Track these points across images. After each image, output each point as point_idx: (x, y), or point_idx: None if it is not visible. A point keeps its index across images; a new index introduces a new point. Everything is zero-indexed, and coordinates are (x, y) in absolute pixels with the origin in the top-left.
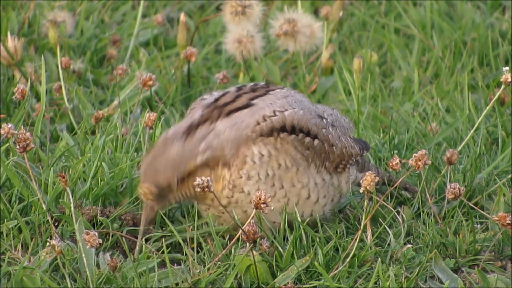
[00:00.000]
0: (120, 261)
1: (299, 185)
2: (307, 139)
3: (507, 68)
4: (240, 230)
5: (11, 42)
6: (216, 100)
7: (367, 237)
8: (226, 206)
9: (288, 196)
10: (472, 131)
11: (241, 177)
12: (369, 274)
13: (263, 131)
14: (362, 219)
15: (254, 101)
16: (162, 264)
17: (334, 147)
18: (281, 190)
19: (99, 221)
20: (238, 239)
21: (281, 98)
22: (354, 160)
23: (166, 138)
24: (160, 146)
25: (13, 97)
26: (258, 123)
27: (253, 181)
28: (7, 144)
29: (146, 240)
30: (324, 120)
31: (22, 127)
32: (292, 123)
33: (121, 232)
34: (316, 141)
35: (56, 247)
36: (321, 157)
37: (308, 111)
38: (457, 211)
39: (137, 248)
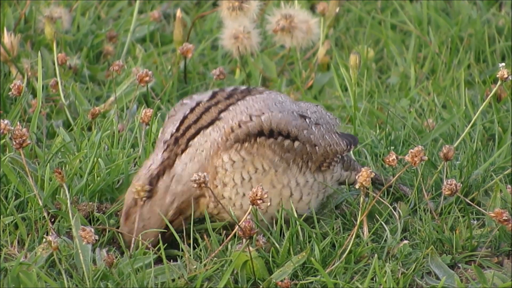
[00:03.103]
0: (117, 257)
1: (279, 185)
2: (287, 141)
3: (503, 64)
4: (237, 226)
5: (8, 38)
6: (181, 122)
7: (363, 233)
8: (217, 214)
9: (269, 197)
10: (469, 127)
11: (217, 186)
12: (365, 270)
13: (238, 138)
14: (358, 215)
15: (222, 114)
16: (159, 260)
17: (317, 147)
18: None
19: (96, 217)
20: (234, 235)
21: (259, 102)
22: (340, 156)
23: (128, 208)
24: (130, 204)
25: (10, 93)
26: (232, 130)
27: (229, 186)
28: (4, 140)
29: None
30: (306, 120)
31: (18, 123)
32: (270, 127)
33: (118, 228)
34: (296, 143)
35: (52, 243)
36: (303, 158)
37: (288, 113)
38: (454, 207)
39: (133, 244)
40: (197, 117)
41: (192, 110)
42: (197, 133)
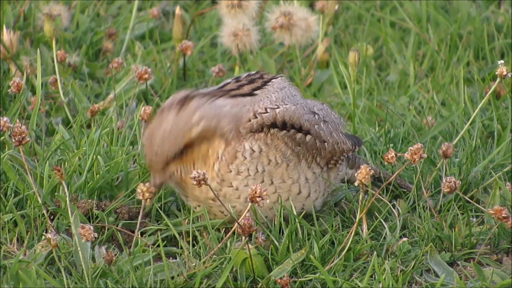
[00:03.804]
0: (116, 254)
1: (289, 180)
2: (299, 135)
3: (502, 61)
4: (236, 224)
5: (7, 35)
6: (220, 87)
7: (362, 231)
8: (214, 200)
9: (278, 191)
10: (468, 124)
11: (231, 171)
12: (364, 267)
13: (252, 128)
14: (357, 212)
15: (256, 92)
16: (158, 258)
17: (326, 143)
18: (271, 186)
19: (95, 214)
20: (233, 232)
21: (277, 91)
22: (346, 156)
23: (162, 108)
24: (157, 117)
25: (9, 90)
26: (249, 120)
27: (242, 176)
28: (3, 138)
29: (142, 234)
30: (316, 116)
31: (17, 121)
32: (283, 119)
33: (117, 226)
34: (308, 137)
35: (51, 240)
36: (312, 153)
37: (301, 107)
38: (453, 205)
39: (133, 241)
40: (236, 87)
41: (225, 84)
42: (239, 96)
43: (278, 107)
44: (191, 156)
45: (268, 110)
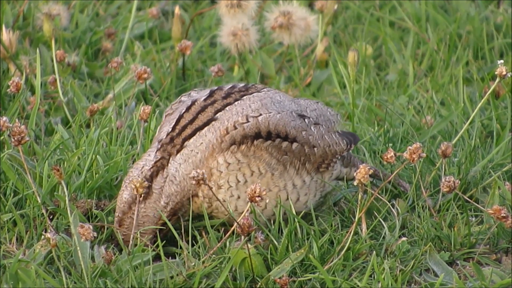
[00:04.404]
0: (115, 254)
1: (275, 189)
2: (285, 143)
3: (502, 61)
4: (235, 224)
5: (6, 35)
6: (177, 121)
7: (362, 230)
8: (210, 213)
9: (264, 199)
10: (467, 124)
11: (211, 188)
12: (364, 267)
13: (234, 140)
14: (357, 212)
15: (218, 115)
16: (157, 257)
17: (316, 148)
18: None
19: (94, 214)
20: (233, 232)
21: (257, 102)
22: (339, 156)
23: (126, 199)
24: (122, 208)
25: (8, 90)
26: (227, 132)
27: (224, 189)
28: (2, 137)
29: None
30: (305, 120)
31: (17, 120)
32: (268, 129)
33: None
34: (294, 145)
35: (51, 240)
36: (300, 159)
37: (287, 114)
38: (452, 204)
39: (131, 241)
40: (193, 116)
41: (188, 109)
42: (193, 134)
43: (261, 115)
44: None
45: (250, 119)
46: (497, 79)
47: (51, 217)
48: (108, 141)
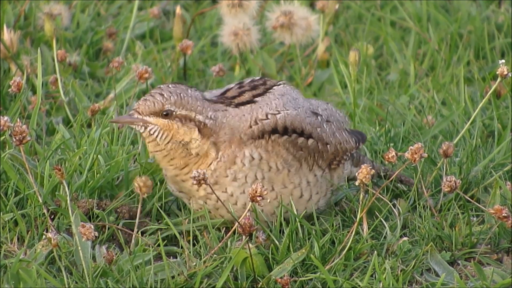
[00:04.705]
0: (116, 254)
1: (291, 186)
2: (301, 139)
3: (503, 61)
4: (236, 223)
5: (7, 35)
6: (223, 93)
7: (363, 230)
8: (205, 201)
9: (279, 197)
10: (468, 124)
11: (227, 176)
12: (365, 266)
13: (253, 134)
14: (358, 212)
15: (256, 99)
16: (158, 257)
17: (328, 145)
18: (272, 192)
19: (95, 213)
20: (234, 232)
21: (278, 98)
22: (349, 154)
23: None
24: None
25: (9, 90)
26: (250, 126)
27: (238, 183)
28: (3, 137)
29: (142, 233)
30: (318, 117)
31: (18, 120)
32: (284, 125)
33: (117, 225)
34: (310, 141)
35: (52, 240)
36: (314, 156)
37: (303, 110)
38: (453, 204)
39: (133, 240)
40: (237, 94)
41: (227, 89)
42: (240, 104)
43: (279, 113)
44: (172, 130)
45: (269, 116)
46: (498, 79)
47: (52, 217)
48: (109, 141)
